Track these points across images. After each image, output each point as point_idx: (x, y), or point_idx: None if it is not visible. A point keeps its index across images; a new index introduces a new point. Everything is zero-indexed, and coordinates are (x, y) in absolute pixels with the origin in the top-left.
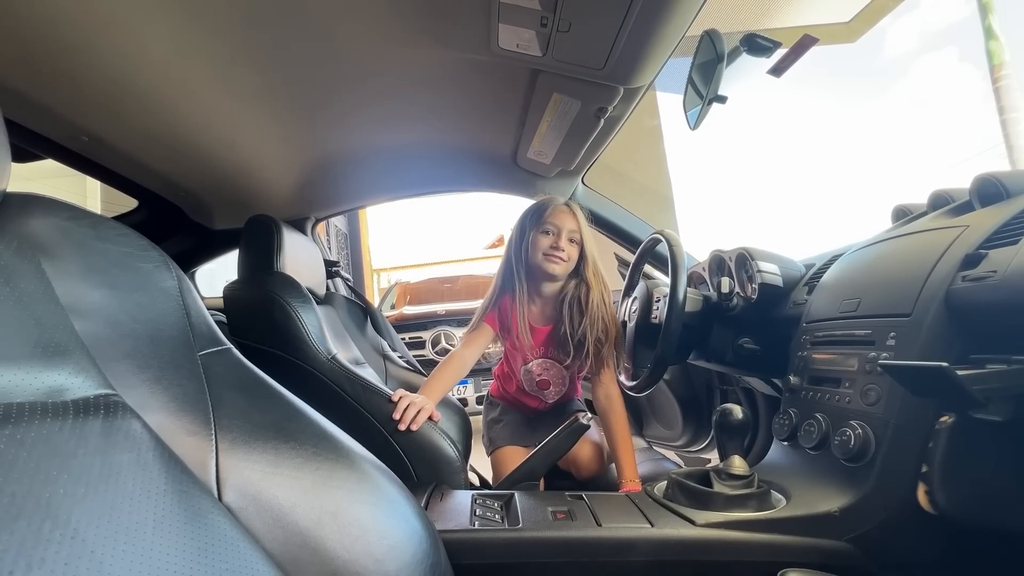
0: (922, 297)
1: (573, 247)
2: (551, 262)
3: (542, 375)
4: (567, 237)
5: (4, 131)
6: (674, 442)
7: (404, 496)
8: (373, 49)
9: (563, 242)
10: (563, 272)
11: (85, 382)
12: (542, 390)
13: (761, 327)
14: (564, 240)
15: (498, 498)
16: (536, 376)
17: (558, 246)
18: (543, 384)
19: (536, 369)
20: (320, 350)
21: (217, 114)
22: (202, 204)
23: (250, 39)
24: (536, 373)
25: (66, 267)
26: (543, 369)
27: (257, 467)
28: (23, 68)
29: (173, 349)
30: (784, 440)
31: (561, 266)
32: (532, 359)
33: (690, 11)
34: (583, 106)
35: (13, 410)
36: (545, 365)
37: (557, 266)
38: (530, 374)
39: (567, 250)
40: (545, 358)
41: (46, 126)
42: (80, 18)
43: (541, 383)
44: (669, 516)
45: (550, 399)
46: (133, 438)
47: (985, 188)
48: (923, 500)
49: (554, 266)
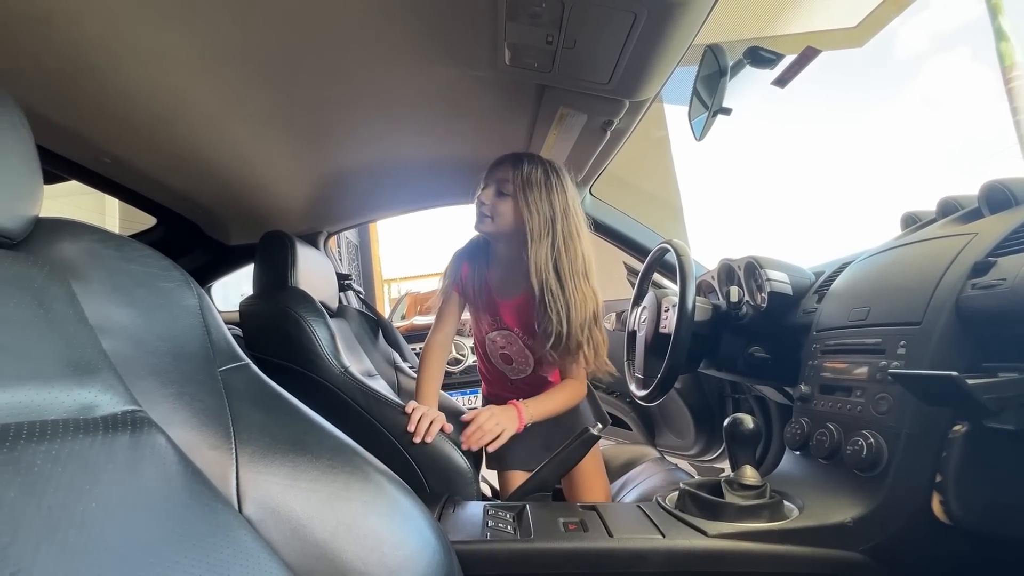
0: (932, 305)
1: (503, 201)
2: (477, 219)
3: (504, 348)
4: (495, 189)
5: (37, 159)
6: (686, 451)
7: (418, 508)
8: (384, 69)
9: (487, 195)
10: (491, 231)
11: (113, 399)
12: (506, 364)
13: (771, 336)
14: (489, 193)
15: (510, 509)
16: (499, 348)
17: (481, 199)
18: (505, 359)
19: (499, 340)
20: (333, 363)
21: (233, 134)
22: (218, 220)
23: (265, 62)
24: (499, 345)
25: (94, 288)
26: (507, 342)
27: (276, 480)
28: (50, 93)
29: (194, 365)
30: (796, 449)
31: (486, 224)
32: (493, 329)
33: (694, 25)
34: (589, 119)
35: (48, 427)
36: (509, 338)
37: (481, 224)
38: (493, 344)
39: (490, 204)
40: (509, 331)
41: (71, 149)
42: (106, 44)
43: (503, 357)
44: (681, 527)
45: (512, 376)
46: (159, 453)
47: (993, 195)
48: (938, 510)
49: (479, 224)
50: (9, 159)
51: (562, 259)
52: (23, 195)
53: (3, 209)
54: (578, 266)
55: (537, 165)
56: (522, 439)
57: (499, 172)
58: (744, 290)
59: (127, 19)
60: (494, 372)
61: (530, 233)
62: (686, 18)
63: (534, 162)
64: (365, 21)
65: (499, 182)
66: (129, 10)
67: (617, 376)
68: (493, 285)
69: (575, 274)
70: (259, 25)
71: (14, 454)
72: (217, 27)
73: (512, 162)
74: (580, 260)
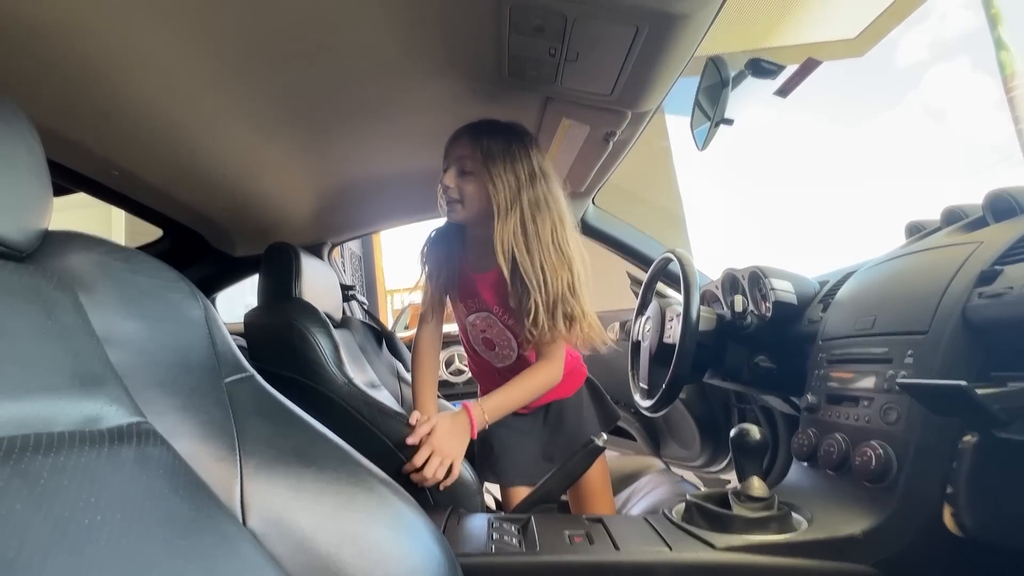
0: (938, 314)
1: (467, 181)
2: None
3: (485, 331)
4: (457, 169)
5: (47, 173)
6: (692, 462)
7: (422, 520)
8: (388, 81)
9: (450, 177)
10: (465, 217)
11: (119, 410)
12: (489, 350)
13: (776, 345)
14: (452, 175)
15: (515, 521)
16: (480, 332)
17: (444, 183)
18: (487, 343)
19: (479, 323)
20: (337, 374)
21: (239, 147)
22: (224, 232)
23: (271, 76)
24: (480, 328)
25: (101, 299)
26: (487, 324)
27: (280, 492)
28: (61, 108)
29: (200, 377)
30: (803, 460)
31: (456, 211)
32: (472, 312)
33: (695, 37)
34: (592, 130)
35: (55, 439)
36: (489, 320)
37: (452, 212)
38: (475, 329)
39: (455, 186)
40: (489, 312)
41: (80, 162)
42: (116, 59)
43: (485, 342)
44: (688, 539)
45: (498, 363)
46: (164, 465)
47: (998, 203)
48: (949, 522)
49: (450, 213)
50: (19, 173)
51: (529, 229)
52: (32, 208)
53: (13, 222)
54: (546, 236)
55: (497, 134)
56: (520, 449)
57: (458, 149)
58: (748, 299)
59: (136, 34)
60: (480, 363)
61: (497, 209)
62: (687, 31)
63: (493, 130)
64: (369, 34)
65: (459, 160)
66: (138, 25)
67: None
68: (468, 263)
69: (543, 244)
70: (265, 39)
71: (21, 466)
72: (224, 41)
73: (470, 135)
74: (549, 228)
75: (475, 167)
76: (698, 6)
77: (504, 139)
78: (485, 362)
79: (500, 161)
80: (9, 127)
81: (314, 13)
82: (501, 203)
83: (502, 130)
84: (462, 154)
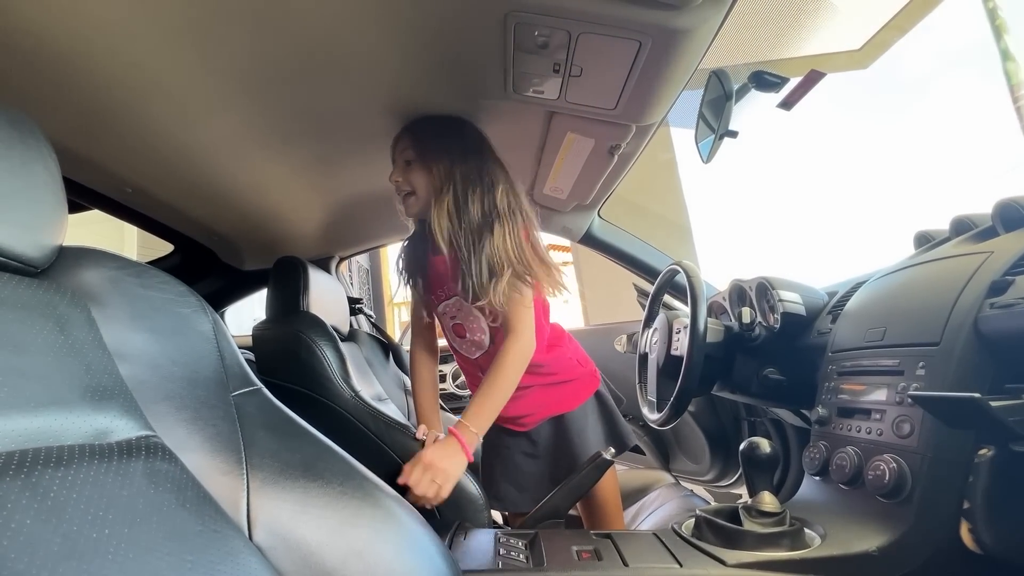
0: (950, 325)
1: (413, 170)
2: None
3: (455, 317)
4: (401, 162)
5: (63, 191)
6: (702, 476)
7: (428, 535)
8: (394, 98)
9: (396, 173)
10: (420, 209)
11: (128, 424)
12: (460, 338)
13: (785, 357)
14: (398, 170)
15: (522, 537)
16: (451, 320)
17: (393, 179)
18: (458, 330)
19: (450, 310)
20: (344, 388)
21: (249, 163)
22: (233, 247)
23: (280, 95)
24: (450, 316)
25: (113, 314)
26: (456, 309)
27: (287, 506)
28: (77, 128)
29: (208, 390)
30: (815, 474)
31: (410, 204)
32: (441, 301)
33: (698, 51)
34: (597, 144)
35: (65, 453)
36: (457, 304)
37: (407, 207)
38: (446, 318)
39: (402, 179)
40: (456, 296)
41: (94, 180)
42: (130, 81)
43: (456, 328)
44: (698, 556)
45: (474, 354)
46: (171, 479)
47: (1007, 213)
48: (967, 539)
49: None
50: (36, 189)
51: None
52: (48, 225)
53: (29, 239)
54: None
55: (430, 121)
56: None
57: (399, 145)
58: (756, 311)
59: (149, 56)
60: (460, 358)
61: (435, 193)
62: (691, 45)
63: (426, 120)
64: (376, 52)
65: (402, 154)
66: (151, 47)
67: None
68: (431, 252)
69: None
70: (274, 58)
71: (31, 480)
72: (233, 61)
73: (406, 130)
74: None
75: (414, 155)
76: (700, 21)
77: (437, 124)
78: (465, 359)
79: (435, 142)
80: (27, 145)
81: (321, 32)
82: (437, 185)
83: (435, 119)
84: (402, 147)
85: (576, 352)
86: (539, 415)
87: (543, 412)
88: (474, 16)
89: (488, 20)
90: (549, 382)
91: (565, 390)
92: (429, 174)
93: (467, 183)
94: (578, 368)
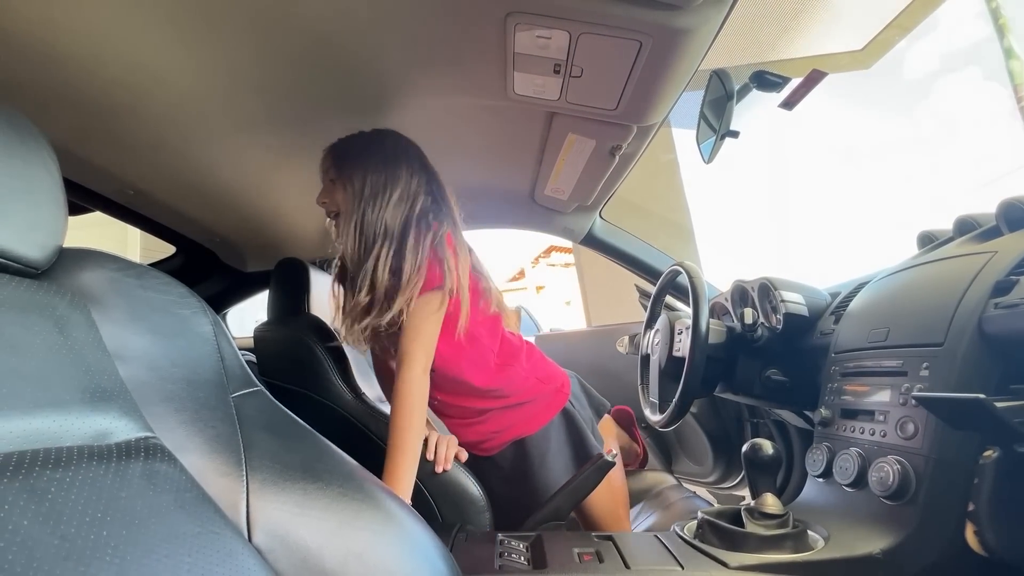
0: (954, 326)
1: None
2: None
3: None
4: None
5: (63, 193)
6: (705, 478)
7: (429, 537)
8: (395, 100)
9: (321, 195)
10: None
11: (128, 425)
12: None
13: (788, 358)
14: (322, 192)
15: (523, 539)
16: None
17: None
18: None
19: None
20: (345, 389)
21: (250, 166)
22: (235, 249)
23: (282, 96)
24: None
25: (113, 315)
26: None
27: (286, 508)
28: (79, 130)
29: (208, 391)
30: (818, 476)
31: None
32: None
33: (699, 51)
34: (598, 145)
35: (63, 454)
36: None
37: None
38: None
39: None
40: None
41: (97, 182)
42: (131, 83)
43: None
44: (700, 558)
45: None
46: (170, 480)
47: (1011, 212)
48: (972, 541)
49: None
50: (36, 192)
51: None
52: (48, 226)
53: (29, 240)
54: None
55: (350, 139)
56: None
57: (323, 165)
58: (759, 312)
59: (150, 59)
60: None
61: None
62: (691, 45)
63: (348, 138)
64: (377, 54)
65: (324, 173)
66: (152, 51)
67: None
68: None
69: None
70: (275, 60)
71: (29, 482)
72: (235, 63)
73: (329, 150)
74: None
75: (335, 173)
76: (701, 20)
77: (359, 137)
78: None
79: (350, 159)
80: (27, 147)
81: (322, 35)
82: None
83: (356, 136)
84: (325, 168)
85: (537, 368)
86: (500, 439)
87: (504, 436)
88: (474, 17)
89: (488, 21)
90: (504, 405)
91: (524, 412)
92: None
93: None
94: (538, 387)
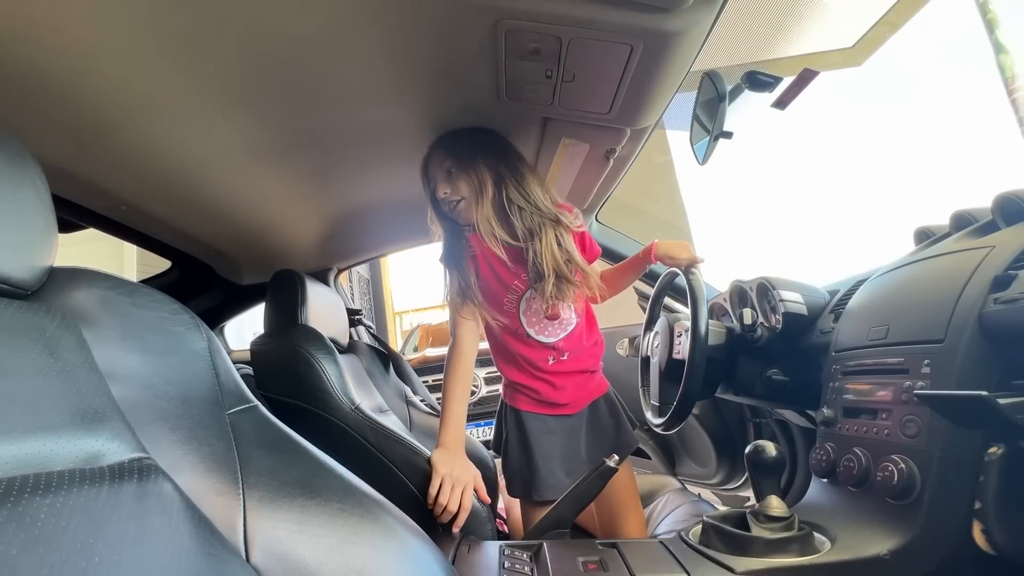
0: (954, 322)
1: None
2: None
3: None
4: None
5: (52, 212)
6: (708, 480)
7: (430, 550)
8: (388, 107)
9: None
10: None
11: (120, 446)
12: (554, 321)
13: (789, 357)
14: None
15: (526, 549)
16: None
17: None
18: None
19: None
20: (344, 401)
21: (244, 178)
22: (230, 262)
23: (273, 107)
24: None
25: (105, 334)
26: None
27: (284, 526)
28: (70, 147)
29: (203, 409)
30: (823, 477)
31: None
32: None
33: (690, 53)
34: (592, 148)
35: (53, 479)
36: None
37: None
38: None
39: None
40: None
41: (89, 198)
42: (120, 99)
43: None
44: (706, 564)
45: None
46: (165, 501)
47: (1008, 206)
48: (980, 539)
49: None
50: (24, 211)
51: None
52: (38, 246)
53: (18, 261)
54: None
55: (458, 133)
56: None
57: (434, 162)
58: (758, 312)
59: (139, 74)
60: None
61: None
62: (682, 47)
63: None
64: (368, 63)
65: (440, 167)
66: (141, 66)
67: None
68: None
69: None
70: (265, 72)
71: (18, 509)
72: (225, 75)
73: (437, 146)
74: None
75: (454, 164)
76: (692, 23)
77: (465, 134)
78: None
79: (469, 150)
80: (14, 167)
81: (312, 45)
82: (480, 187)
83: (461, 131)
84: (440, 162)
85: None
86: (587, 400)
87: (590, 396)
88: (464, 24)
89: (478, 28)
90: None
91: (600, 376)
92: (468, 177)
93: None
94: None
